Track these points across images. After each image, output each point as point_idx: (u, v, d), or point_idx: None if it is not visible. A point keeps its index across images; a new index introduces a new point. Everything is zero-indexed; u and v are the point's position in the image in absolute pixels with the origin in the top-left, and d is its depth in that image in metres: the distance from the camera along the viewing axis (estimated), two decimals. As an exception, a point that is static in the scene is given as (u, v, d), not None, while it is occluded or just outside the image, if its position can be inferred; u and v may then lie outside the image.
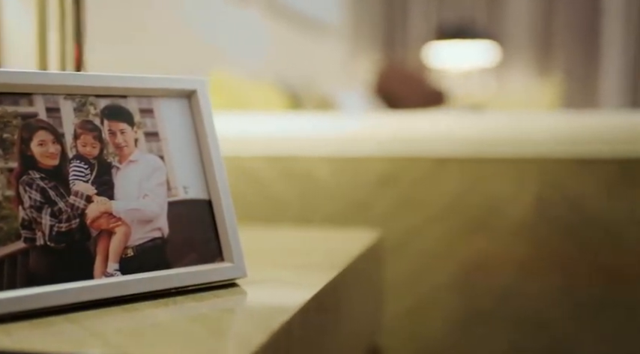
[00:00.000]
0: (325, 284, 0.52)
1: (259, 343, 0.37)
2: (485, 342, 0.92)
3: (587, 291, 0.88)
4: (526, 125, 0.88)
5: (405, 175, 0.92)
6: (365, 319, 0.72)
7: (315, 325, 0.50)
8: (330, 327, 0.55)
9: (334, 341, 0.56)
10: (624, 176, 0.84)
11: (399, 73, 2.17)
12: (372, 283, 0.74)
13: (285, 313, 0.43)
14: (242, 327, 0.41)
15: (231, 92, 1.16)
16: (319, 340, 0.51)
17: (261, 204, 0.98)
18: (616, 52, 3.49)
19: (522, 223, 0.88)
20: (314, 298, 0.48)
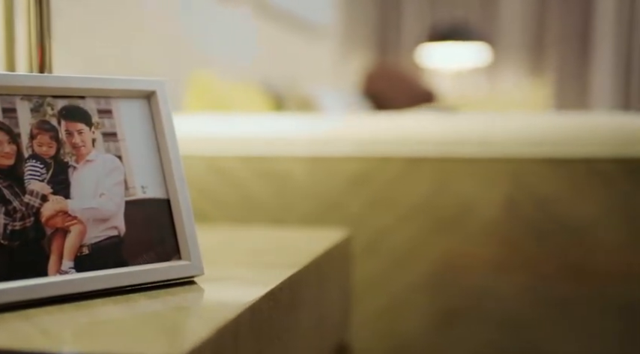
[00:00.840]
0: (280, 282, 0.52)
1: (202, 338, 0.38)
2: (458, 341, 0.93)
3: (556, 290, 0.89)
4: (497, 126, 0.89)
5: (379, 175, 0.93)
6: (332, 317, 0.73)
7: (269, 323, 0.51)
8: (287, 325, 0.56)
9: (292, 339, 0.57)
10: (591, 176, 0.85)
11: (386, 73, 2.18)
12: (339, 281, 0.75)
13: (235, 310, 0.44)
14: (189, 323, 0.41)
15: (212, 93, 1.16)
16: (273, 338, 0.52)
17: (238, 204, 0.99)
18: (608, 53, 3.51)
19: (492, 223, 0.90)
20: (266, 296, 0.49)
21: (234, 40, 2.01)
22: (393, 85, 2.16)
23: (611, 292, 0.87)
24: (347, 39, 3.16)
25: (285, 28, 2.44)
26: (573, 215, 0.87)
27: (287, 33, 2.47)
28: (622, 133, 0.84)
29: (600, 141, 0.85)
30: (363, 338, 0.97)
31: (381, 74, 2.17)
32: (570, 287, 0.88)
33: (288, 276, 0.55)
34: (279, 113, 1.45)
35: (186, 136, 1.00)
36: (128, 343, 0.37)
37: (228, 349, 0.43)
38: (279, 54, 2.41)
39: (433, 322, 0.94)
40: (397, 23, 3.70)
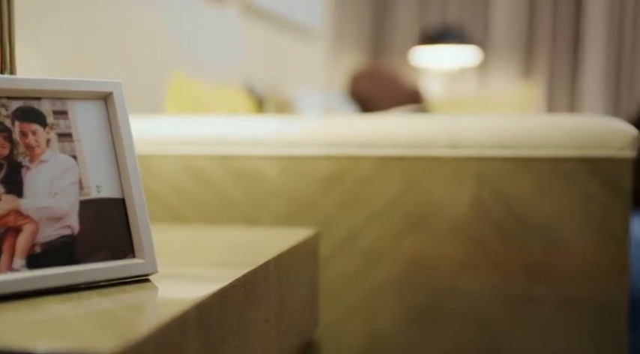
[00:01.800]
0: (233, 280, 0.53)
1: (143, 335, 0.39)
2: (428, 339, 0.94)
3: (522, 288, 0.90)
4: (464, 126, 0.91)
5: (350, 174, 0.94)
6: (297, 315, 0.74)
7: (220, 321, 0.52)
8: (242, 323, 0.57)
9: (248, 337, 0.58)
10: (555, 176, 0.87)
11: (371, 75, 2.19)
12: (305, 280, 0.76)
13: (181, 307, 0.45)
14: (134, 320, 0.42)
15: (188, 94, 1.17)
16: (226, 336, 0.53)
17: (213, 204, 1.00)
18: (598, 55, 3.54)
19: (460, 222, 0.91)
20: (217, 294, 0.50)
21: (222, 41, 2.02)
22: (378, 86, 2.18)
23: (575, 291, 0.88)
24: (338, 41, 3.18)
25: (277, 30, 2.45)
26: (538, 214, 0.88)
27: (278, 35, 2.48)
28: (586, 133, 0.85)
29: (564, 141, 0.86)
30: (335, 336, 0.98)
31: (365, 76, 2.19)
32: (536, 286, 0.89)
33: (243, 274, 0.56)
34: (253, 114, 1.46)
35: (160, 137, 1.01)
36: (69, 340, 0.38)
37: (173, 346, 0.43)
38: (271, 56, 2.42)
39: (404, 321, 0.95)
40: (388, 26, 3.71)
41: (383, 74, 2.23)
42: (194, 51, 1.88)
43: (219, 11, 2.00)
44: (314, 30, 2.83)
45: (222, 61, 2.03)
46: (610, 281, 0.87)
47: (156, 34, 1.69)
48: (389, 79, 2.22)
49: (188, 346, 0.46)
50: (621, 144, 0.83)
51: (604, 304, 0.88)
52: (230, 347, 0.54)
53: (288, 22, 2.55)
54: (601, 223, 0.86)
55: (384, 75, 2.22)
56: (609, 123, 0.85)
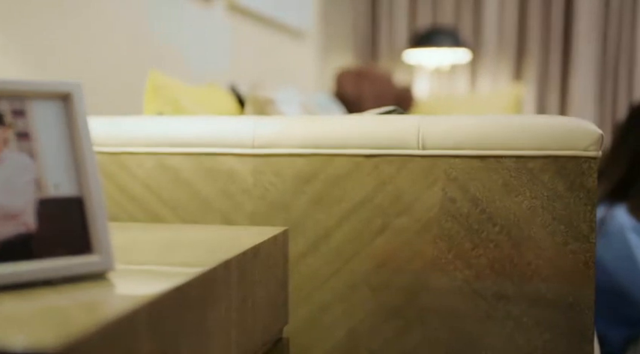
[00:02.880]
0: (189, 279, 0.54)
1: (90, 331, 0.40)
2: (400, 336, 0.95)
3: (492, 286, 0.91)
4: (433, 125, 0.92)
5: (322, 174, 0.95)
6: (263, 313, 0.75)
7: (175, 319, 0.52)
8: (199, 321, 0.57)
9: (206, 335, 0.59)
10: (521, 173, 0.88)
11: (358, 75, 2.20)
12: (273, 278, 0.77)
13: (132, 304, 0.46)
14: (83, 317, 0.43)
15: (167, 94, 1.18)
16: (181, 334, 0.54)
17: (188, 203, 1.01)
18: (587, 56, 3.56)
19: (430, 220, 0.92)
20: (171, 292, 0.51)
21: (207, 41, 2.03)
22: (363, 86, 2.18)
23: (542, 288, 0.89)
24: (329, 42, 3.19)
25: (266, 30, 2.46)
26: (506, 213, 0.89)
27: (268, 36, 2.49)
28: (552, 133, 0.86)
29: (531, 141, 0.87)
30: (309, 334, 0.99)
31: (351, 76, 2.19)
32: (505, 283, 0.91)
33: (201, 273, 0.57)
34: (233, 114, 1.47)
35: (136, 136, 1.02)
36: (15, 336, 0.39)
37: (122, 344, 0.44)
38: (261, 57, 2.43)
39: (377, 318, 0.96)
40: (380, 27, 3.72)
41: (369, 75, 2.24)
42: (178, 50, 1.89)
43: (205, 11, 2.01)
44: (304, 31, 2.84)
45: (207, 60, 2.03)
46: (576, 278, 0.88)
47: (137, 32, 1.70)
48: (375, 80, 2.23)
49: (139, 344, 0.47)
50: (586, 144, 0.85)
51: (571, 300, 0.89)
52: (187, 345, 0.55)
53: (277, 23, 2.56)
54: (567, 221, 0.87)
55: (370, 75, 2.23)
56: (575, 123, 0.86)
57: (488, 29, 3.66)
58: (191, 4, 1.93)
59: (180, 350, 0.54)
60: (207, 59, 2.03)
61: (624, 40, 3.56)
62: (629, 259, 1.36)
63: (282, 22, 2.59)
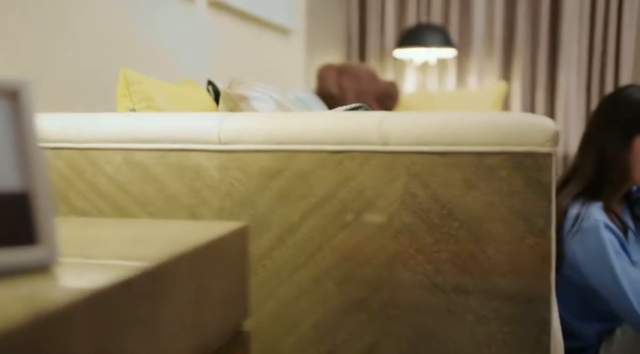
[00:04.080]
0: (136, 273, 0.55)
1: (19, 324, 0.41)
2: (363, 329, 0.97)
3: (452, 280, 0.93)
4: (395, 122, 0.93)
5: (286, 169, 0.97)
6: (220, 307, 0.76)
7: (120, 313, 0.53)
8: (147, 315, 0.59)
9: (155, 329, 0.60)
10: (480, 169, 0.89)
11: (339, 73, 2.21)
12: (230, 272, 0.79)
13: (70, 297, 0.47)
14: (15, 310, 0.44)
15: (140, 90, 1.19)
16: (128, 328, 0.55)
17: (155, 198, 1.02)
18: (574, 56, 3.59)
19: (391, 215, 0.93)
20: (115, 286, 0.52)
21: (188, 37, 2.04)
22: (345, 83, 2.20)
23: (501, 282, 0.91)
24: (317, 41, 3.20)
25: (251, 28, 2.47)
26: (465, 208, 0.91)
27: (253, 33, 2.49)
28: (509, 129, 0.88)
29: (489, 137, 0.88)
30: (275, 327, 1.00)
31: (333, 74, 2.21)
32: (465, 277, 0.92)
33: (147, 267, 0.58)
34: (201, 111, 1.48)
35: (104, 133, 1.03)
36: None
37: (57, 337, 0.45)
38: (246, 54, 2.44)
39: (340, 312, 0.97)
40: (368, 26, 3.74)
41: (351, 71, 2.25)
42: (159, 47, 1.90)
43: (186, 7, 2.02)
44: (291, 29, 2.85)
45: (189, 57, 2.04)
46: (534, 272, 0.90)
47: (115, 29, 1.71)
48: (358, 76, 2.25)
49: (76, 338, 0.48)
50: (542, 140, 0.86)
51: (529, 294, 0.90)
52: (134, 339, 0.56)
53: (262, 21, 2.56)
54: (524, 216, 0.89)
55: (352, 72, 2.25)
56: (531, 119, 0.88)
57: (477, 27, 3.67)
58: (172, 1, 1.94)
59: (125, 345, 0.55)
60: (188, 56, 2.04)
61: (610, 37, 3.58)
62: (601, 257, 1.37)
63: (268, 20, 2.59)
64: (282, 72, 2.85)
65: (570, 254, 1.42)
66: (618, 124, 1.45)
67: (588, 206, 1.41)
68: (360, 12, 3.76)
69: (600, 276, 1.38)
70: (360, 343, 0.97)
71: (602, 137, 1.45)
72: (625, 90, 1.51)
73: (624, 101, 1.47)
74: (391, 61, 3.69)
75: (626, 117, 1.44)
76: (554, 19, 3.63)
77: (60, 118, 1.07)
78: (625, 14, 3.55)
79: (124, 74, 1.20)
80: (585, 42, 3.59)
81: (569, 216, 1.42)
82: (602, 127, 1.46)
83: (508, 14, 3.68)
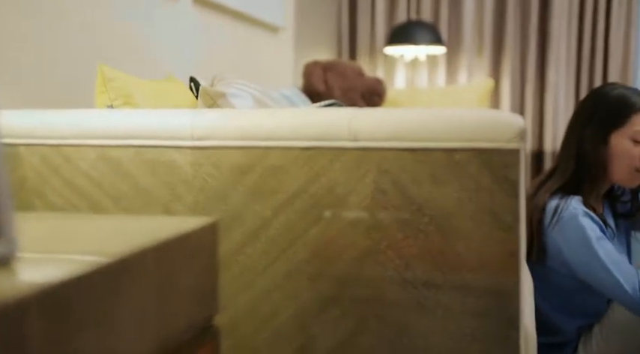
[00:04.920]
0: (93, 269, 0.56)
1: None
2: (335, 323, 0.98)
3: (422, 275, 0.94)
4: (365, 119, 0.94)
5: (258, 165, 0.97)
6: (186, 303, 0.76)
7: (77, 308, 0.54)
8: (106, 310, 0.59)
9: (116, 325, 0.61)
10: (449, 166, 0.90)
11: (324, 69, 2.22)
12: (197, 268, 0.79)
13: (22, 292, 0.48)
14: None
15: (118, 87, 1.20)
16: (85, 323, 0.55)
17: (130, 194, 1.02)
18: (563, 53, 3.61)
19: (362, 211, 0.94)
20: (70, 281, 0.53)
21: (172, 33, 2.04)
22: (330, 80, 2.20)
23: (470, 277, 0.92)
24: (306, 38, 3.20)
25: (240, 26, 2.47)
26: (435, 204, 0.91)
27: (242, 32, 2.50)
28: (476, 126, 0.89)
29: (457, 133, 0.89)
30: (250, 321, 1.01)
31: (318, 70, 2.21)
32: (434, 272, 0.93)
33: (107, 262, 0.59)
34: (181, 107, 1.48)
35: (78, 129, 1.03)
36: None
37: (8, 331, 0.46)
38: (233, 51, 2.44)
39: (312, 306, 0.98)
40: (359, 24, 3.74)
41: (337, 68, 2.26)
42: (142, 44, 1.90)
43: (170, 4, 2.02)
44: (280, 26, 2.85)
45: (173, 54, 2.05)
46: (502, 267, 0.90)
47: (97, 26, 1.71)
48: (344, 73, 2.25)
49: (29, 331, 0.48)
50: (509, 136, 0.87)
51: (498, 288, 0.91)
52: (93, 333, 0.57)
53: (250, 18, 2.57)
54: (492, 212, 0.89)
55: (338, 69, 2.25)
56: (499, 116, 0.89)
57: (467, 24, 3.68)
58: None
59: (82, 339, 0.55)
60: (173, 54, 2.04)
61: (599, 35, 3.60)
62: (583, 243, 1.38)
63: (257, 18, 2.60)
64: (271, 69, 2.85)
65: (553, 246, 1.43)
66: (595, 121, 1.46)
67: (567, 199, 1.43)
68: (350, 9, 3.77)
69: (585, 262, 1.38)
70: (333, 338, 0.98)
71: (581, 135, 1.47)
72: (603, 88, 1.53)
73: (601, 99, 1.48)
74: (382, 58, 3.71)
75: (602, 114, 1.46)
76: (544, 17, 3.65)
77: (35, 115, 1.07)
78: (613, 12, 3.56)
79: (101, 71, 1.20)
80: (574, 39, 3.61)
81: (549, 209, 1.43)
82: (581, 125, 1.48)
83: (498, 12, 3.69)
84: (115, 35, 1.74)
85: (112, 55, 1.70)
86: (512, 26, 3.64)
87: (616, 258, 1.36)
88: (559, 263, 1.45)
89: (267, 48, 2.81)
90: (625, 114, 1.45)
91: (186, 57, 2.13)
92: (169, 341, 0.73)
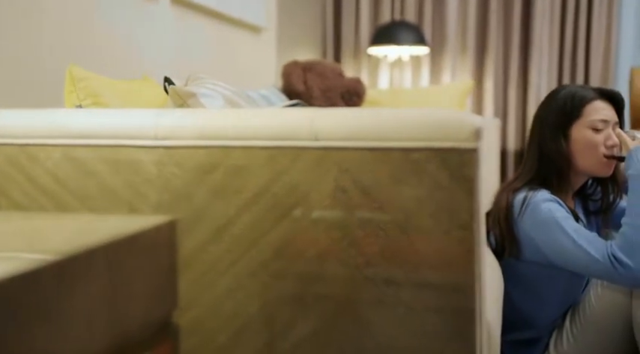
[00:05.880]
0: (40, 265, 0.57)
1: None
2: (297, 321, 0.99)
3: (383, 273, 0.95)
4: (325, 118, 0.95)
5: (221, 165, 0.98)
6: (141, 300, 0.77)
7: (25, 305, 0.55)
8: (57, 308, 0.60)
9: (67, 321, 0.61)
10: (407, 165, 0.91)
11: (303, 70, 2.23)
12: (153, 266, 0.80)
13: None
14: None
15: (87, 87, 1.20)
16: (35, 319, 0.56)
17: (95, 193, 1.03)
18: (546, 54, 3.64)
19: (323, 209, 0.95)
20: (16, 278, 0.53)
21: (149, 34, 2.04)
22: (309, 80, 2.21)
23: (430, 274, 0.93)
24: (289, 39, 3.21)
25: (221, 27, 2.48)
26: (394, 202, 0.92)
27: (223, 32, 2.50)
28: (433, 125, 0.90)
29: (415, 133, 0.90)
30: (215, 318, 1.02)
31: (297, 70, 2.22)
32: (395, 270, 0.94)
33: (52, 260, 0.59)
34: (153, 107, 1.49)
35: (44, 129, 1.04)
36: None
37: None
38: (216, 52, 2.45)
39: (275, 305, 0.99)
40: (343, 24, 3.75)
41: (316, 68, 2.27)
42: (120, 44, 1.90)
43: (148, 5, 2.03)
44: (262, 27, 2.86)
45: (151, 55, 2.05)
46: (460, 264, 0.92)
47: (72, 25, 1.71)
48: (322, 73, 2.26)
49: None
50: (465, 136, 0.88)
51: (456, 285, 0.92)
52: (39, 333, 0.57)
53: (231, 18, 2.57)
54: (450, 210, 0.91)
55: (317, 69, 2.26)
56: (455, 115, 0.90)
57: (450, 25, 3.70)
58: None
59: (27, 336, 0.56)
60: (151, 55, 2.04)
61: (580, 36, 3.63)
62: (552, 225, 1.40)
63: (237, 18, 2.60)
64: (254, 70, 2.86)
65: (524, 236, 1.46)
66: (552, 120, 1.52)
67: (535, 191, 1.46)
68: (335, 10, 3.78)
69: (555, 240, 1.40)
70: (297, 335, 0.99)
71: (541, 136, 1.52)
72: (557, 90, 1.58)
73: (553, 99, 1.55)
74: (366, 59, 3.72)
75: (557, 112, 1.51)
76: (526, 18, 3.68)
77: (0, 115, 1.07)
78: (594, 14, 3.60)
79: (70, 71, 1.21)
80: (556, 41, 3.64)
81: (517, 202, 1.46)
82: (539, 127, 1.54)
83: (481, 13, 3.71)
84: (91, 35, 1.75)
85: (87, 56, 1.70)
86: (495, 27, 3.66)
87: (584, 232, 1.40)
88: (532, 252, 1.47)
89: (249, 48, 2.82)
90: (578, 106, 1.50)
91: (165, 58, 2.13)
92: (123, 339, 0.74)
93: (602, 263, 1.34)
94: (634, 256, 1.31)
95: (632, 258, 1.31)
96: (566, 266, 1.42)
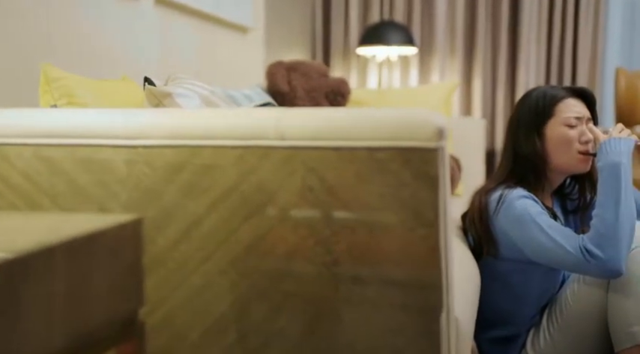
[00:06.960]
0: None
1: None
2: (265, 319, 1.00)
3: (349, 271, 0.96)
4: (291, 118, 0.96)
5: (190, 164, 0.99)
6: (104, 298, 0.78)
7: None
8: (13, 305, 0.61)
9: (21, 319, 0.62)
10: (372, 163, 0.92)
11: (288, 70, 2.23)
12: (117, 264, 0.81)
13: None
14: None
15: (62, 86, 1.21)
16: None
17: (65, 192, 1.04)
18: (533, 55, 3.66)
19: (291, 208, 0.96)
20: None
21: (131, 34, 2.05)
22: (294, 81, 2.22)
23: (395, 272, 0.94)
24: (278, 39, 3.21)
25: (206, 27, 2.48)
26: (360, 201, 0.94)
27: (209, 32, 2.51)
28: (397, 124, 0.91)
29: (379, 132, 0.91)
30: (186, 315, 1.03)
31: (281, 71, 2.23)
32: (361, 268, 0.95)
33: (7, 259, 0.60)
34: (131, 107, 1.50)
35: (14, 128, 1.04)
36: None
37: None
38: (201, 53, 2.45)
39: (244, 302, 1.00)
40: (332, 25, 3.76)
41: (301, 69, 2.27)
42: (101, 44, 1.91)
43: (130, 5, 2.03)
44: (249, 27, 2.86)
45: (133, 55, 2.05)
46: (424, 262, 0.93)
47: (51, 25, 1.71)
48: (307, 73, 2.27)
49: None
50: (428, 135, 0.89)
51: (420, 284, 0.94)
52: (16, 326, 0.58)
53: (216, 19, 2.58)
54: (414, 208, 0.92)
55: (301, 69, 2.27)
56: (418, 115, 0.91)
57: (439, 26, 3.71)
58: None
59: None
60: (133, 55, 2.05)
61: (567, 37, 3.65)
62: (526, 220, 1.42)
63: (223, 18, 2.61)
64: (242, 70, 2.86)
65: (501, 232, 1.47)
66: (525, 121, 1.55)
67: (510, 188, 1.47)
68: (324, 10, 3.79)
69: (532, 239, 1.42)
70: (264, 333, 1.00)
71: (515, 138, 1.55)
72: (529, 92, 1.61)
73: (525, 101, 1.58)
74: (355, 59, 3.73)
75: (530, 112, 1.54)
76: (514, 19, 3.69)
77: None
78: (581, 15, 3.62)
79: (44, 70, 1.22)
80: (544, 41, 3.66)
81: (492, 200, 1.48)
82: (514, 130, 1.57)
83: (469, 13, 3.73)
84: (69, 35, 1.75)
85: (67, 55, 1.71)
86: (484, 28, 3.68)
87: (558, 227, 1.42)
88: (509, 249, 1.48)
89: (236, 49, 2.83)
90: (550, 105, 1.53)
91: (149, 58, 2.14)
92: (85, 337, 0.75)
93: (575, 256, 1.36)
94: (604, 248, 1.33)
95: (602, 249, 1.34)
96: (541, 261, 1.44)
